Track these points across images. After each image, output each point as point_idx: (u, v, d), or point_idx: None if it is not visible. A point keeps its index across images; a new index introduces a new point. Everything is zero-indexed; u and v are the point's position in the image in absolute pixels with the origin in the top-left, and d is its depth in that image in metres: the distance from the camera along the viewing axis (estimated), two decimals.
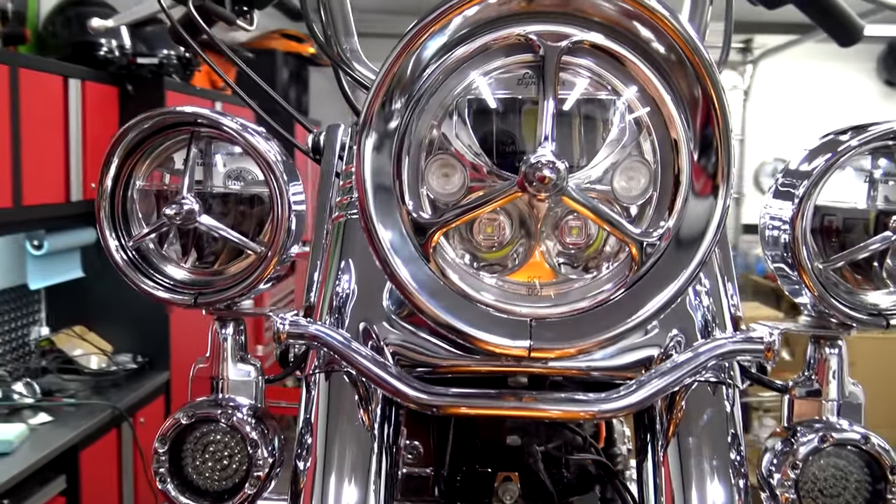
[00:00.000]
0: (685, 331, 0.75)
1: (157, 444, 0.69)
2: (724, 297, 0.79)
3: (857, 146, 0.62)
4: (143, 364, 3.03)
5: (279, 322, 0.68)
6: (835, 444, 0.67)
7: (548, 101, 0.57)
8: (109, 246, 0.65)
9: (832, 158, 0.63)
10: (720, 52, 0.98)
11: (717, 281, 0.79)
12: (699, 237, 0.59)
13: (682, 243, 0.59)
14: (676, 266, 0.59)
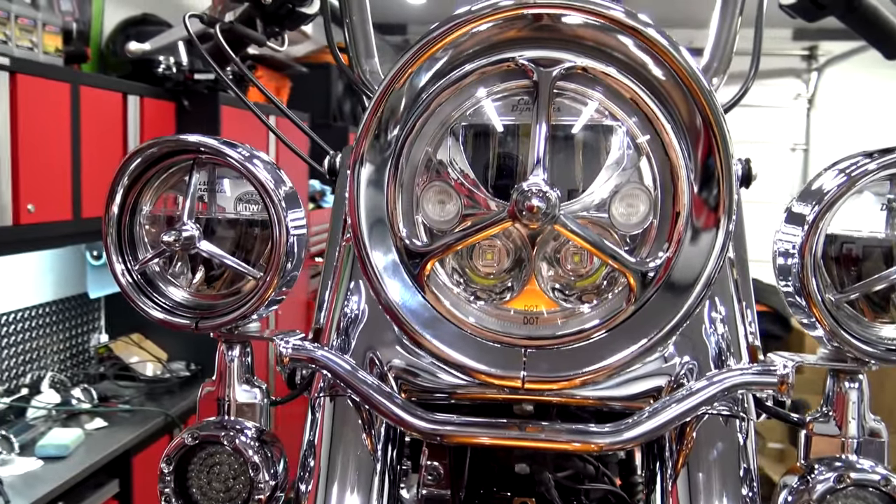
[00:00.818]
0: (698, 360, 0.72)
1: (162, 464, 0.70)
2: (741, 324, 0.76)
3: (874, 170, 0.59)
4: (195, 372, 3.10)
5: (282, 346, 0.69)
6: (853, 485, 0.63)
7: (540, 126, 0.56)
8: (115, 270, 0.67)
9: (846, 183, 0.60)
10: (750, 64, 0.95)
11: (734, 308, 0.76)
12: (700, 269, 0.57)
13: (682, 274, 0.57)
14: (676, 297, 0.57)
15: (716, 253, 0.56)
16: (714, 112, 0.55)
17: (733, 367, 0.70)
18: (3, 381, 2.75)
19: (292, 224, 0.65)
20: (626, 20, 0.56)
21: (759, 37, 0.95)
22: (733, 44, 0.96)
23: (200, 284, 0.69)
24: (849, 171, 0.60)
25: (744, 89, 0.93)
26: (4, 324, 2.75)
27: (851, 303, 0.63)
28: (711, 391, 0.66)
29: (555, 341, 0.59)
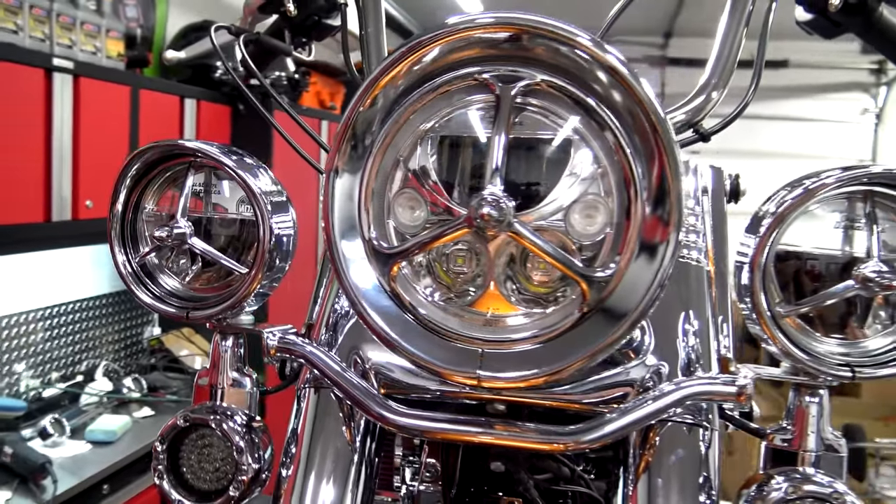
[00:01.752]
0: (667, 369, 0.74)
1: (156, 443, 0.75)
2: (714, 338, 0.77)
3: (828, 186, 0.60)
4: None
5: (269, 338, 0.74)
6: (805, 497, 0.64)
7: (499, 138, 0.59)
8: (117, 261, 0.73)
9: (798, 197, 0.61)
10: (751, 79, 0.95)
11: (709, 321, 0.78)
12: (649, 277, 0.59)
13: (633, 282, 0.59)
14: (626, 304, 0.59)
15: (666, 262, 0.58)
16: (668, 142, 0.57)
17: (698, 376, 0.72)
18: (60, 368, 2.90)
19: (277, 224, 0.69)
20: (592, 49, 0.58)
21: (762, 51, 0.96)
22: (735, 57, 0.96)
23: (195, 278, 0.74)
24: (803, 187, 0.61)
25: (743, 104, 0.93)
26: (64, 313, 2.90)
27: (807, 319, 0.64)
28: (671, 398, 0.68)
29: (510, 344, 0.62)
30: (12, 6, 2.15)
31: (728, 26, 0.98)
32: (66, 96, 2.29)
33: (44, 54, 2.22)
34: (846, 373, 0.62)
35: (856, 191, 0.61)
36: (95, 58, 2.44)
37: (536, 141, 0.62)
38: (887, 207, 0.62)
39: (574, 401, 0.72)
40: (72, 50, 2.34)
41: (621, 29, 1.05)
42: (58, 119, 2.27)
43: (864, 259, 0.60)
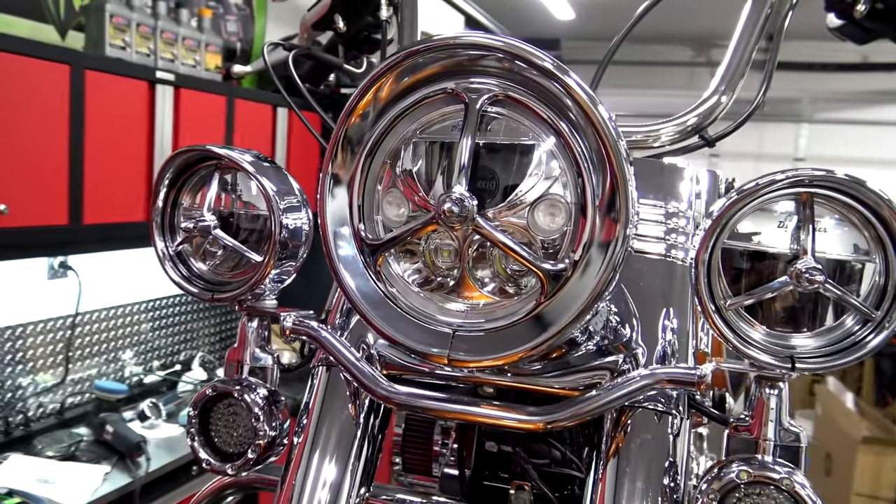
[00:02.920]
0: (640, 360, 0.79)
1: (190, 409, 0.86)
2: (693, 334, 0.81)
3: (766, 189, 0.63)
4: None
5: (284, 320, 0.83)
6: (753, 482, 0.67)
7: (464, 143, 0.66)
8: (157, 247, 0.84)
9: (739, 198, 0.65)
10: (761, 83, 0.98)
11: (688, 319, 0.82)
12: (601, 272, 0.64)
13: (586, 277, 0.65)
14: (578, 295, 0.65)
15: (618, 254, 0.64)
16: (618, 156, 0.62)
17: (662, 366, 0.76)
18: (161, 357, 3.14)
19: (287, 219, 0.79)
20: (551, 69, 0.64)
21: (774, 57, 0.98)
22: (748, 63, 0.99)
23: (221, 265, 0.85)
24: (745, 190, 0.65)
25: (751, 110, 0.96)
26: (167, 307, 3.14)
27: (757, 315, 0.67)
28: (634, 385, 0.73)
29: (479, 328, 0.69)
30: (121, 24, 2.37)
31: (743, 31, 1.01)
32: (168, 106, 2.51)
33: (148, 68, 2.44)
34: (786, 364, 0.65)
35: (799, 192, 0.64)
36: (195, 70, 2.65)
37: (504, 146, 0.69)
38: (827, 208, 0.65)
39: (555, 385, 0.78)
40: (174, 63, 2.56)
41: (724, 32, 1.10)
42: (160, 126, 2.48)
43: (800, 257, 0.64)
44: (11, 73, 2.02)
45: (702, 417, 0.84)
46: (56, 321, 2.60)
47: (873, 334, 0.64)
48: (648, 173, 0.90)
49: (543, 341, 0.66)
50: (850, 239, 0.67)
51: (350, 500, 0.82)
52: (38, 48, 2.11)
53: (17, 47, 2.04)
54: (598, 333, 0.80)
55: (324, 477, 0.82)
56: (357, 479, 0.83)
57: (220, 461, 0.85)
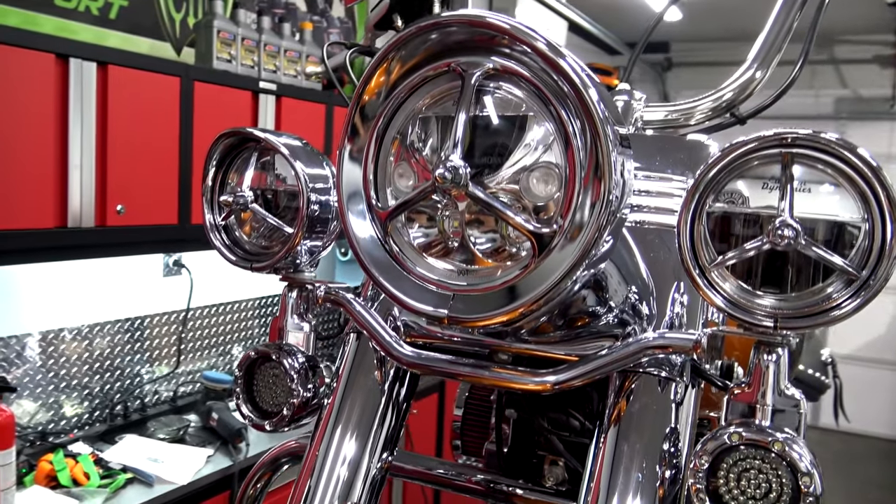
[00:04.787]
0: (647, 327, 0.80)
1: (236, 370, 0.95)
2: (703, 304, 0.81)
3: (749, 150, 0.63)
4: None
5: (318, 290, 0.90)
6: (745, 444, 0.67)
7: (459, 115, 0.70)
8: (206, 222, 0.93)
9: (718, 162, 0.65)
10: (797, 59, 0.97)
11: None
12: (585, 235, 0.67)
13: (574, 240, 0.68)
14: (567, 257, 0.68)
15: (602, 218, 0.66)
16: (603, 129, 0.64)
17: (660, 330, 0.77)
18: None
19: (316, 195, 0.86)
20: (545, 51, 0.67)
21: (812, 36, 0.97)
22: (785, 39, 0.98)
23: (261, 238, 0.93)
24: (727, 148, 0.65)
25: (784, 87, 0.95)
26: (270, 304, 3.32)
27: (743, 276, 0.67)
28: (632, 349, 0.74)
29: (475, 289, 0.73)
30: (227, 39, 2.55)
31: (782, 6, 1.00)
32: (270, 114, 2.67)
33: (252, 79, 2.61)
34: (769, 323, 0.65)
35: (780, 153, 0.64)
36: (296, 80, 2.81)
37: (500, 118, 0.73)
38: (810, 169, 0.64)
39: (564, 351, 0.81)
40: (276, 74, 2.72)
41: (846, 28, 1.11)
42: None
43: (778, 216, 0.63)
44: (130, 86, 2.23)
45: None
46: (170, 315, 2.82)
47: (857, 294, 0.63)
48: (671, 149, 0.92)
49: (535, 299, 0.69)
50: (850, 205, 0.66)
51: (372, 462, 0.88)
52: (152, 62, 2.31)
53: (134, 62, 2.24)
54: (609, 303, 0.82)
55: (348, 439, 0.88)
56: (380, 443, 0.88)
57: (259, 418, 0.93)
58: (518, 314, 0.70)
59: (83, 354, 2.54)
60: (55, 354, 2.45)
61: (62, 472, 2.17)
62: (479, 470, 1.04)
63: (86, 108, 2.10)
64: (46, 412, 2.44)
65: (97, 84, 2.13)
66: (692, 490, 0.70)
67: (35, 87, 2.00)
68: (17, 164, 1.97)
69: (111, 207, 2.20)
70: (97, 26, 2.49)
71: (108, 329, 2.61)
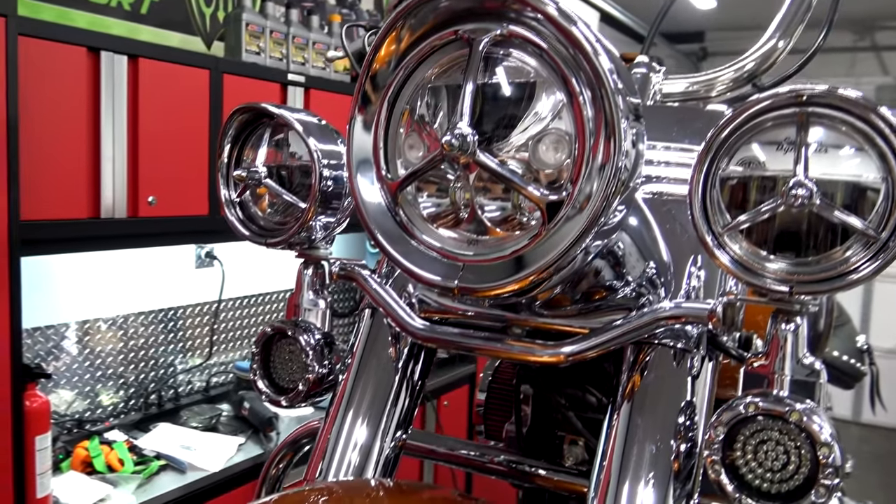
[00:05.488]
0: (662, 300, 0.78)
1: (253, 346, 0.95)
2: (722, 276, 0.79)
3: (760, 111, 0.61)
4: (453, 356, 3.44)
5: (331, 265, 0.90)
6: (762, 415, 0.65)
7: (467, 83, 0.69)
8: (222, 198, 0.93)
9: (731, 118, 0.63)
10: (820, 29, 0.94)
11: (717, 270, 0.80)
12: (595, 200, 0.65)
13: (583, 208, 0.66)
14: (576, 225, 0.67)
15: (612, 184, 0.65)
16: (612, 96, 0.63)
17: (675, 300, 0.75)
18: None
19: (328, 171, 0.86)
20: (556, 16, 0.66)
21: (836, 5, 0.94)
22: (809, 7, 0.95)
23: (276, 213, 0.93)
24: (740, 108, 0.63)
25: (806, 58, 0.93)
26: None
27: (758, 242, 0.65)
28: (646, 319, 0.73)
29: (485, 259, 0.72)
30: (256, 31, 2.58)
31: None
32: (298, 105, 2.68)
33: (281, 71, 2.63)
34: (784, 288, 0.63)
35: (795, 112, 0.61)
36: (324, 73, 2.82)
37: (509, 85, 0.72)
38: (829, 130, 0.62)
39: (580, 325, 0.80)
40: (304, 66, 2.74)
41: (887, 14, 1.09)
42: None
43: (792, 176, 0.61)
44: (161, 79, 2.26)
45: None
46: (203, 306, 2.85)
47: (876, 257, 0.61)
48: (689, 119, 0.90)
49: (545, 267, 0.68)
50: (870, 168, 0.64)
51: (385, 441, 0.87)
52: (182, 55, 2.34)
53: (164, 55, 2.27)
54: (625, 276, 0.81)
55: (361, 417, 0.88)
56: (394, 421, 0.88)
57: (276, 393, 0.93)
58: (528, 283, 0.69)
59: (118, 344, 2.58)
60: (91, 344, 2.50)
61: (97, 458, 2.21)
62: (499, 450, 1.03)
63: (117, 100, 2.14)
64: (83, 401, 2.49)
65: (128, 77, 2.16)
66: (707, 462, 0.68)
67: (68, 80, 2.04)
68: (51, 156, 2.01)
69: (143, 198, 2.23)
70: (129, 21, 2.53)
71: (143, 320, 2.65)
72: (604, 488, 0.74)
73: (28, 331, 2.28)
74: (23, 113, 1.83)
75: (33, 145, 1.94)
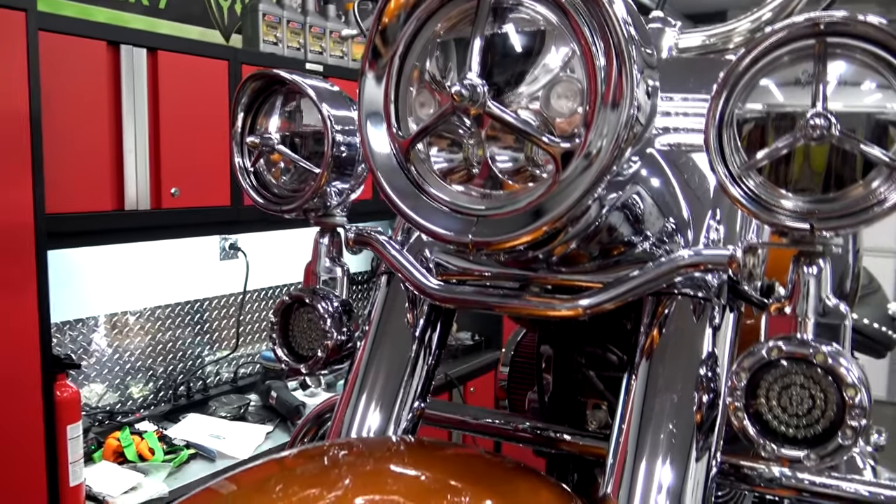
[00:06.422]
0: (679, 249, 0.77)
1: (271, 314, 0.95)
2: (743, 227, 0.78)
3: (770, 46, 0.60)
4: (479, 342, 3.43)
5: (347, 231, 0.90)
6: (786, 358, 0.64)
7: (476, 34, 0.68)
8: (235, 166, 0.93)
9: (746, 53, 0.61)
10: None
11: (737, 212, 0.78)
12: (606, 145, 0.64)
13: (595, 156, 0.65)
14: (589, 174, 0.65)
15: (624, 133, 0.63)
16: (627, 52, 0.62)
17: (693, 249, 0.74)
18: None
19: (341, 137, 0.86)
20: None
21: None
22: None
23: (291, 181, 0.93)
24: (755, 43, 0.61)
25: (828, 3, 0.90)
26: None
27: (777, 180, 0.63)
28: (664, 268, 0.71)
29: (498, 212, 0.71)
30: (273, 22, 2.58)
31: None
32: None
33: (298, 60, 2.64)
34: (804, 226, 0.61)
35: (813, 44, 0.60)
36: (342, 61, 2.83)
37: (519, 35, 0.71)
38: (846, 59, 0.60)
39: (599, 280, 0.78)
40: (322, 55, 2.75)
41: None
42: None
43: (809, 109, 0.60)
44: (180, 71, 2.27)
45: None
46: (228, 298, 2.87)
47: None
48: (706, 70, 0.88)
49: (558, 217, 0.67)
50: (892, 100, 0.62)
51: (403, 410, 0.86)
52: (200, 47, 2.35)
53: (183, 47, 2.29)
54: (644, 230, 0.79)
55: (380, 384, 0.87)
56: (413, 387, 0.87)
57: (295, 361, 0.93)
58: (542, 233, 0.68)
59: (146, 337, 2.61)
60: (119, 337, 2.53)
61: (128, 447, 2.24)
62: (523, 417, 1.02)
63: (138, 93, 2.16)
64: (114, 393, 2.52)
65: (148, 70, 2.17)
66: (731, 409, 0.66)
67: (89, 74, 2.06)
68: (74, 150, 2.03)
69: (166, 190, 2.25)
70: (148, 16, 2.55)
71: (169, 312, 2.67)
72: (624, 443, 0.72)
73: (58, 325, 2.31)
74: (45, 108, 1.85)
75: (56, 139, 1.96)
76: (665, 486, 0.69)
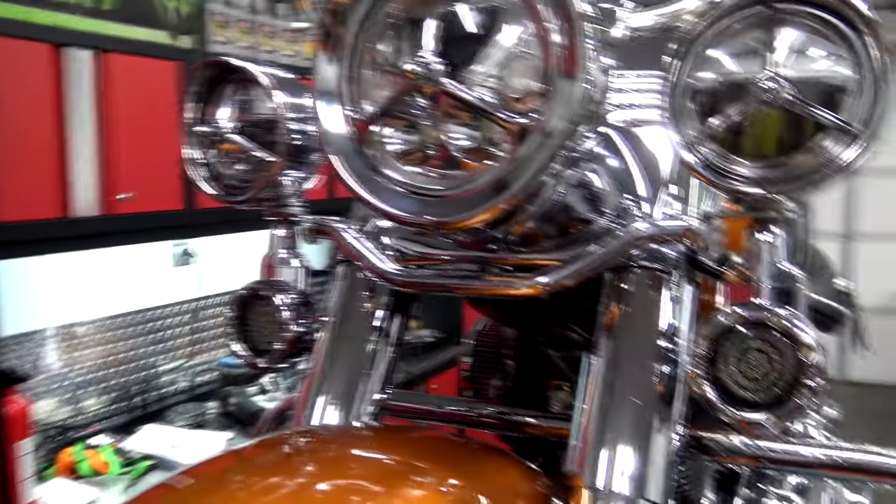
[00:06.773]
0: None
1: (228, 309, 0.93)
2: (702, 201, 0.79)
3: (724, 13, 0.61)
4: (440, 339, 3.43)
5: (306, 222, 0.88)
6: (743, 323, 0.64)
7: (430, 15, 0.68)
8: (185, 157, 0.91)
9: (692, 30, 0.62)
10: None
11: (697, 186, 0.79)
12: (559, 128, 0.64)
13: (550, 132, 0.65)
14: (545, 150, 0.65)
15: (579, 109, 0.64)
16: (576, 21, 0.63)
17: (649, 221, 0.74)
18: None
19: (294, 123, 0.84)
20: None
21: None
22: None
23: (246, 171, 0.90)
24: (704, 15, 0.62)
25: None
26: None
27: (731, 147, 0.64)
28: (622, 242, 0.72)
29: (457, 192, 0.70)
30: (222, 21, 2.55)
31: None
32: None
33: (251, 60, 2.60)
34: (757, 190, 0.62)
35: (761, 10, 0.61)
36: (295, 60, 2.80)
37: (474, 12, 0.70)
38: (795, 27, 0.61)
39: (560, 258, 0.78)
40: (273, 55, 2.71)
41: None
42: None
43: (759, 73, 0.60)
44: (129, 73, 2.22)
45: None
46: (182, 305, 2.81)
47: (849, 151, 0.60)
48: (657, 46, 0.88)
49: (516, 193, 0.66)
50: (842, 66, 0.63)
51: (366, 398, 0.84)
52: (149, 48, 2.30)
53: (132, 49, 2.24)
54: (601, 206, 0.79)
55: (341, 375, 0.85)
56: (375, 378, 0.85)
57: (252, 355, 0.91)
58: (501, 211, 0.68)
59: (97, 348, 2.54)
60: (70, 349, 2.46)
61: (82, 462, 2.18)
62: (487, 403, 1.02)
63: (84, 96, 2.10)
64: (66, 407, 2.44)
65: (94, 72, 2.12)
66: (691, 377, 0.67)
67: (31, 77, 2.00)
68: (17, 156, 1.97)
69: (115, 195, 2.19)
70: (92, 18, 2.48)
71: (122, 322, 2.61)
72: (587, 422, 0.72)
73: (4, 339, 2.24)
74: None
75: None
76: (628, 462, 0.69)
